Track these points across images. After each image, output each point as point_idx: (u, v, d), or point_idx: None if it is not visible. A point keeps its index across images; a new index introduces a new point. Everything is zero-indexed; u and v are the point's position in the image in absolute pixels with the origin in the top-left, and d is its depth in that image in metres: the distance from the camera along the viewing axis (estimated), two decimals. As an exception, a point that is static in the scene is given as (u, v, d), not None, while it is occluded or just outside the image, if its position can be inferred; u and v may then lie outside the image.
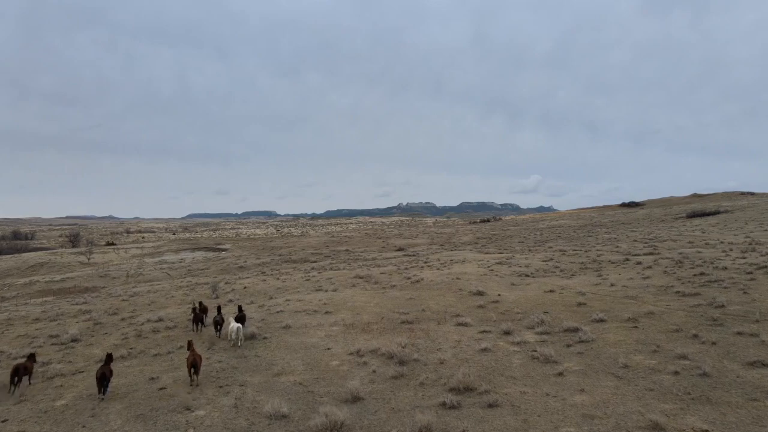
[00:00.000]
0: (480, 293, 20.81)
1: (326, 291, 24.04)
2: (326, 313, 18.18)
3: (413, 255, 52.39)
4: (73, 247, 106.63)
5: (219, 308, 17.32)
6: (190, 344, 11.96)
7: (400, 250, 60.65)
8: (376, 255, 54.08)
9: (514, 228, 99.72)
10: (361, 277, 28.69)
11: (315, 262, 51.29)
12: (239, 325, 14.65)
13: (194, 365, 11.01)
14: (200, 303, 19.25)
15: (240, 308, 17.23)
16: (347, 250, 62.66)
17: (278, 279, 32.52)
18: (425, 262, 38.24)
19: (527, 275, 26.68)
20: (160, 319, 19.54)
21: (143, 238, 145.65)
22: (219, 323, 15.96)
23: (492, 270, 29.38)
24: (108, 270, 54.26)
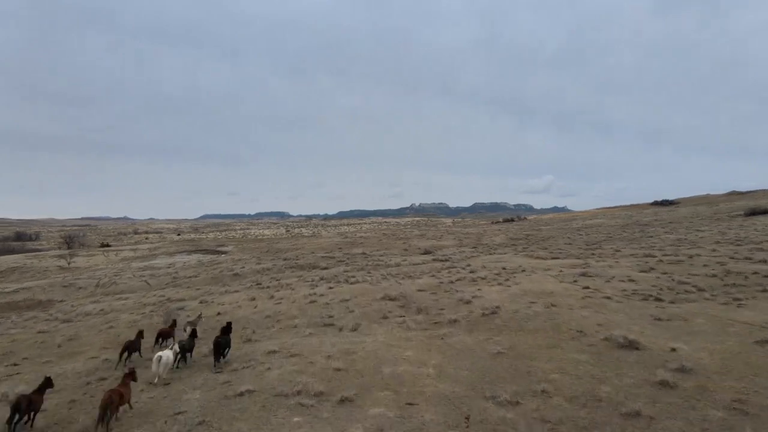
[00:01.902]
0: (631, 345, 10.95)
1: (341, 330, 14.41)
2: (342, 401, 8.49)
3: (445, 260, 42.59)
4: (69, 248, 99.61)
5: (194, 331, 14.22)
6: (128, 375, 9.37)
7: (427, 253, 50.84)
8: (399, 260, 44.43)
9: (547, 228, 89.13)
10: (392, 299, 19.02)
11: (326, 268, 41.81)
12: (161, 354, 11.09)
13: (107, 406, 7.89)
14: (173, 320, 16.64)
15: (228, 327, 13.76)
16: (364, 254, 53.07)
17: (272, 297, 23.06)
18: (472, 271, 28.46)
19: (658, 299, 16.71)
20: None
21: (146, 239, 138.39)
22: (184, 351, 12.69)
23: (586, 287, 19.47)
24: (79, 277, 45.61)
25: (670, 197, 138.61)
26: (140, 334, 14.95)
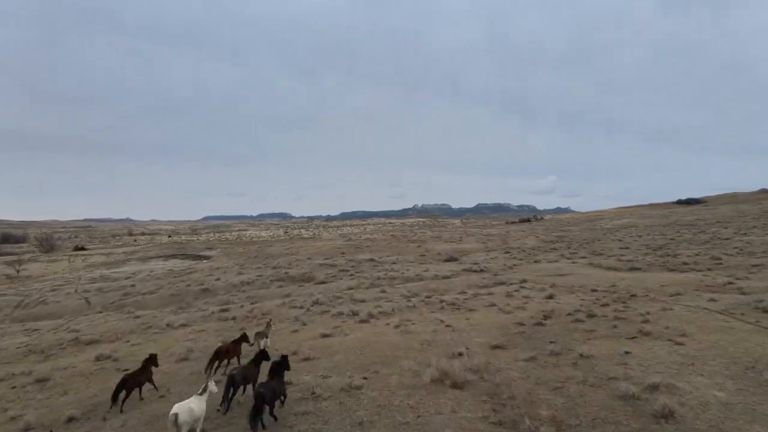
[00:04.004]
0: None
1: None
2: None
3: (481, 270, 32.26)
4: (46, 252, 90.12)
5: (263, 354, 9.46)
6: None
7: (452, 260, 40.44)
8: (419, 269, 34.08)
9: (575, 229, 78.50)
10: (458, 385, 8.60)
11: (323, 282, 31.48)
12: (177, 411, 7.00)
13: None
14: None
15: (284, 362, 8.48)
16: (372, 261, 42.68)
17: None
18: (549, 296, 18.08)
19: None
20: None
21: (135, 241, 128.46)
22: (237, 385, 8.39)
23: None
24: (4, 293, 35.40)
25: (679, 197, 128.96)
26: (152, 360, 10.23)
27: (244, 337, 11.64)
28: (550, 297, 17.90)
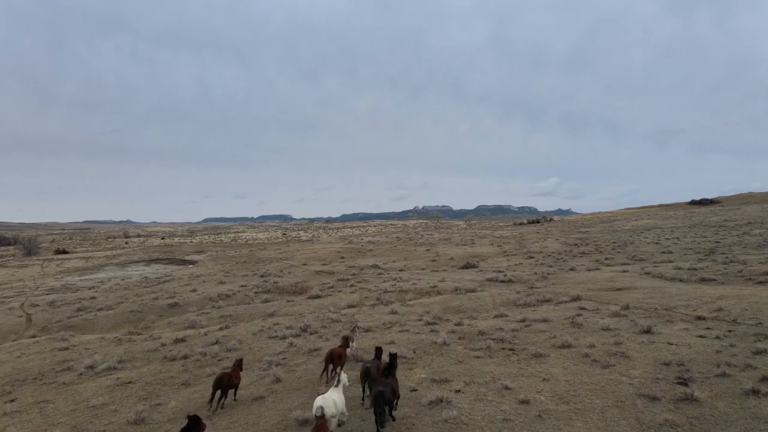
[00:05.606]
0: None
1: None
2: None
3: (510, 280, 26.47)
4: (26, 255, 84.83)
5: (380, 348, 9.66)
6: None
7: (469, 267, 34.55)
8: (434, 279, 28.27)
9: (594, 230, 72.46)
10: None
11: (318, 296, 25.62)
12: (321, 404, 6.48)
13: None
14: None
15: (393, 361, 8.09)
16: (376, 267, 36.87)
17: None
18: (646, 332, 12.26)
19: None
20: None
21: (126, 243, 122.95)
22: (375, 378, 8.29)
23: None
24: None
25: (682, 198, 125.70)
26: (238, 365, 9.57)
27: (347, 341, 11.17)
28: (648, 331, 12.05)
